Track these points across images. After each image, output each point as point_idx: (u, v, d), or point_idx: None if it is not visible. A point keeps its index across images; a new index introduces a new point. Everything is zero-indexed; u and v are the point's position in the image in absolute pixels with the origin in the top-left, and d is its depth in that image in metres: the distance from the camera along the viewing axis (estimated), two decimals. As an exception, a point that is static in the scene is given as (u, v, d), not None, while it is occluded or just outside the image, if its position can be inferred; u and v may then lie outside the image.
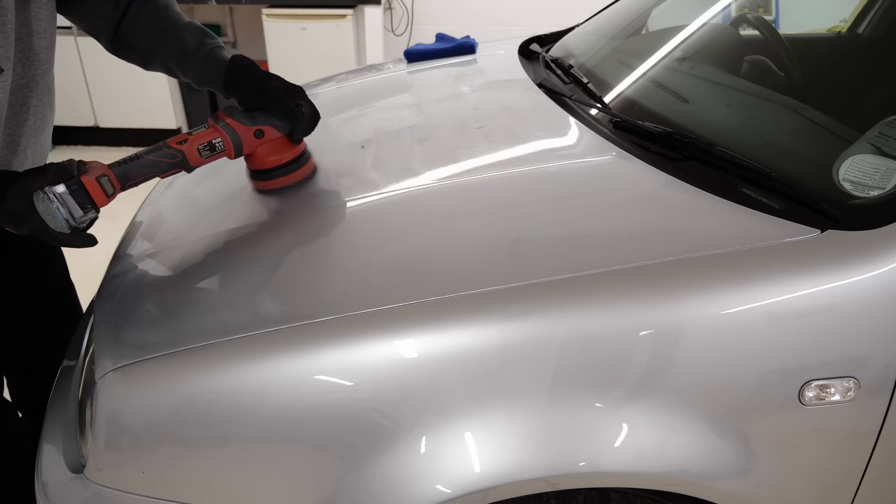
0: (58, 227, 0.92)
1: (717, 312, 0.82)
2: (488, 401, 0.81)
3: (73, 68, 3.72)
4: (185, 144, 1.02)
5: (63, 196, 0.91)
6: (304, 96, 1.10)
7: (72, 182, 0.92)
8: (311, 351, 0.82)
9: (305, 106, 1.09)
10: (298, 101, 1.09)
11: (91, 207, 0.94)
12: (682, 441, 0.83)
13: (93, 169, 0.95)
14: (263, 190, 1.14)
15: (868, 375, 0.83)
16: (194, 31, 1.13)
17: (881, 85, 1.19)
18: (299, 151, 1.14)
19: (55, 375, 1.17)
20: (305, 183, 1.15)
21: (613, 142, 1.15)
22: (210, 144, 1.03)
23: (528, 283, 0.84)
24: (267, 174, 1.12)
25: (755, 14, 1.63)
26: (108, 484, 0.86)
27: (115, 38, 1.14)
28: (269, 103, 1.07)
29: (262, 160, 1.10)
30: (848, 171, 0.93)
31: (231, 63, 1.11)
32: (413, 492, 0.81)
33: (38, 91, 1.08)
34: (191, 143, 1.02)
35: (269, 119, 1.07)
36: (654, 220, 0.95)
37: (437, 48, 1.83)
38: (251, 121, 1.06)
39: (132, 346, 0.87)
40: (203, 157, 1.04)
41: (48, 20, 1.06)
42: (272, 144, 1.09)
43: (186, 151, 1.01)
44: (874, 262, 0.82)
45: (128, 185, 0.99)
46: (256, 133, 1.07)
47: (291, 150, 1.12)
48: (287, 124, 1.08)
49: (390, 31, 4.14)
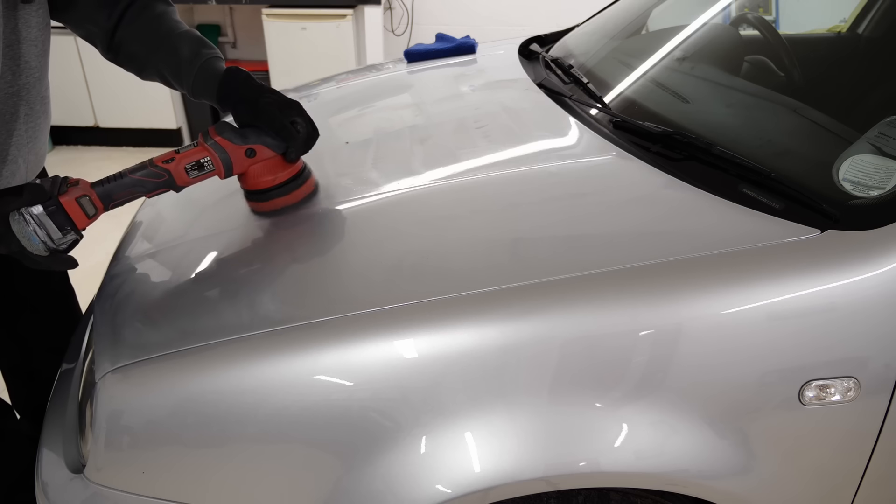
0: (34, 250, 0.89)
1: (717, 312, 0.82)
2: (488, 401, 0.81)
3: (73, 68, 3.72)
4: (172, 163, 0.97)
5: (40, 217, 0.88)
6: (300, 112, 1.03)
7: (49, 203, 0.88)
8: (311, 351, 0.82)
9: (301, 123, 1.03)
10: (294, 118, 1.02)
11: (70, 229, 0.91)
12: (682, 441, 0.83)
13: (74, 188, 0.91)
14: (259, 211, 1.09)
15: (868, 375, 0.83)
16: (191, 40, 1.08)
17: (881, 85, 1.19)
18: (296, 171, 1.07)
19: (54, 378, 1.17)
20: (307, 202, 1.09)
21: (613, 142, 1.15)
22: (198, 163, 0.99)
23: (528, 283, 0.84)
24: (261, 195, 1.07)
25: (755, 14, 1.63)
26: (108, 484, 0.86)
27: (111, 46, 1.10)
28: (262, 120, 1.01)
29: (256, 180, 1.05)
30: (848, 171, 0.93)
31: (225, 76, 1.05)
32: (413, 492, 0.81)
33: (30, 100, 1.05)
34: (178, 161, 0.98)
35: (262, 137, 1.02)
36: (655, 220, 0.95)
37: (437, 48, 1.83)
38: (242, 139, 1.01)
39: (132, 346, 0.87)
40: (191, 176, 0.99)
41: (39, 27, 1.03)
42: (265, 164, 1.03)
43: (173, 171, 0.97)
44: (874, 262, 0.82)
45: (111, 205, 0.95)
46: (247, 152, 1.01)
47: (286, 169, 1.05)
48: (281, 143, 1.03)
49: (390, 31, 4.15)
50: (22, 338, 1.36)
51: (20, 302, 1.31)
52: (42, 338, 1.37)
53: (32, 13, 1.00)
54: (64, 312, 1.42)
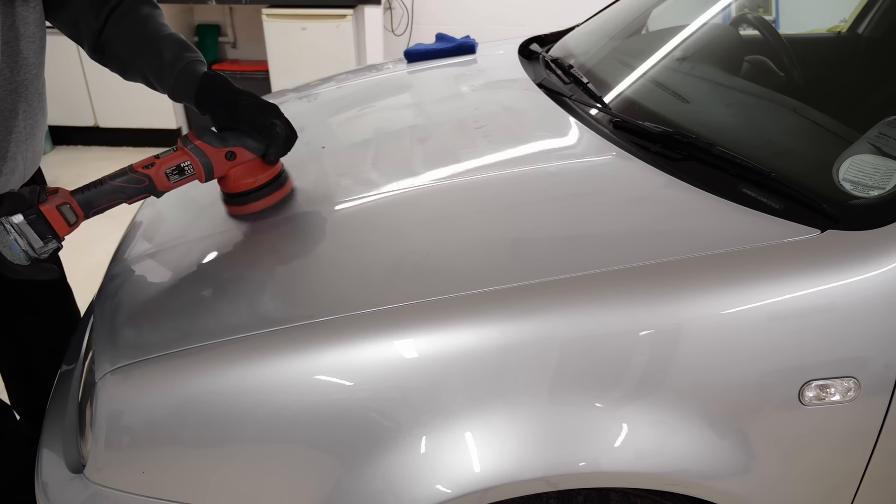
0: (15, 259, 0.88)
1: (717, 312, 0.82)
2: (488, 401, 0.81)
3: (73, 68, 3.72)
4: (153, 169, 0.97)
5: (21, 226, 0.87)
6: (278, 114, 1.03)
7: (30, 212, 0.88)
8: (310, 351, 0.82)
9: (280, 125, 1.02)
10: (273, 119, 1.02)
11: (52, 237, 0.90)
12: (682, 441, 0.83)
13: (53, 196, 0.90)
14: (236, 215, 1.08)
15: (868, 375, 0.83)
16: (174, 43, 1.09)
17: (881, 85, 1.19)
18: (275, 173, 1.07)
19: (54, 378, 1.17)
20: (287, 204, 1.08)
21: (613, 142, 1.15)
22: (179, 168, 0.98)
23: (528, 283, 0.84)
24: (239, 198, 1.06)
25: (755, 14, 1.63)
26: (108, 484, 0.86)
27: (97, 46, 1.11)
28: (242, 122, 1.02)
29: (236, 183, 1.04)
30: (848, 171, 0.93)
31: (203, 79, 1.06)
32: (413, 492, 0.81)
33: (28, 96, 1.06)
34: (158, 167, 0.97)
35: (241, 140, 1.02)
36: (655, 220, 0.95)
37: (437, 48, 1.83)
38: (222, 142, 1.01)
39: (132, 346, 0.87)
40: (171, 181, 0.99)
41: (36, 24, 1.04)
42: (245, 167, 1.03)
43: (154, 176, 0.97)
44: (874, 262, 0.82)
45: (92, 212, 0.95)
46: (228, 155, 1.01)
47: (266, 171, 1.05)
48: (260, 145, 1.03)
49: (390, 31, 4.15)
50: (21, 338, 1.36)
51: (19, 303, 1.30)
52: (41, 338, 1.37)
53: (30, 10, 1.01)
54: (63, 313, 1.43)
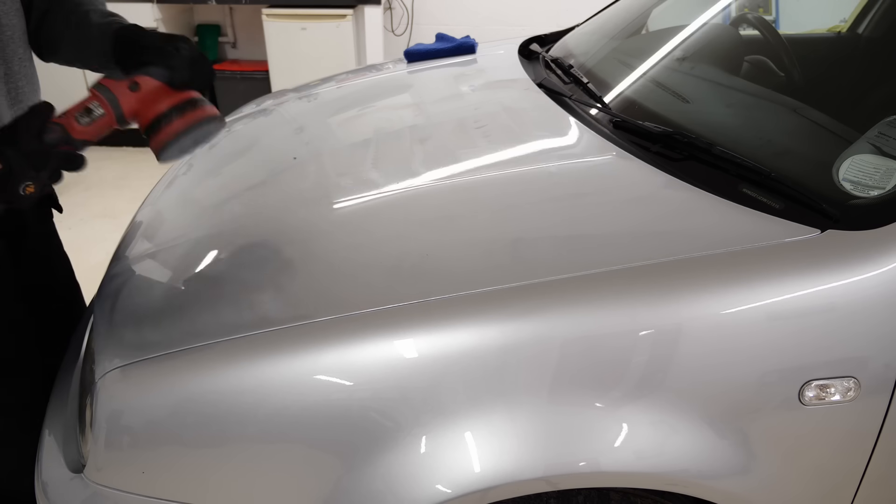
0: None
1: (717, 312, 0.82)
2: (488, 401, 0.81)
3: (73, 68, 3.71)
4: (64, 117, 0.94)
5: None
6: (185, 41, 0.98)
7: None
8: (311, 351, 0.82)
9: (185, 48, 0.97)
10: (177, 44, 0.97)
11: None
12: (682, 441, 0.83)
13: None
14: (162, 154, 0.99)
15: (868, 375, 0.83)
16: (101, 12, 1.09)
17: (881, 85, 1.19)
18: (186, 98, 0.97)
19: (55, 376, 1.17)
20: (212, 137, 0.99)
21: (613, 142, 1.15)
22: (87, 110, 0.94)
23: (528, 283, 0.84)
24: (153, 129, 0.97)
25: (755, 14, 1.63)
26: (107, 484, 0.86)
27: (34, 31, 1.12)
28: (145, 52, 0.97)
29: (146, 115, 0.96)
30: (848, 170, 0.93)
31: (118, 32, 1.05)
32: (413, 491, 0.81)
33: (6, 58, 1.05)
34: (68, 115, 0.94)
35: (144, 69, 0.96)
36: (654, 219, 0.95)
37: (437, 48, 1.83)
38: (125, 74, 0.95)
39: (132, 345, 0.87)
40: (82, 124, 0.94)
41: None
42: (152, 95, 0.96)
43: (66, 124, 0.93)
44: (874, 262, 0.82)
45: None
46: (131, 86, 0.95)
47: (175, 96, 0.96)
48: (165, 71, 0.96)
49: (390, 31, 4.14)
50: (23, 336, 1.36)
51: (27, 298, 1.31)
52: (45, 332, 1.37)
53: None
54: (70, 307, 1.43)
